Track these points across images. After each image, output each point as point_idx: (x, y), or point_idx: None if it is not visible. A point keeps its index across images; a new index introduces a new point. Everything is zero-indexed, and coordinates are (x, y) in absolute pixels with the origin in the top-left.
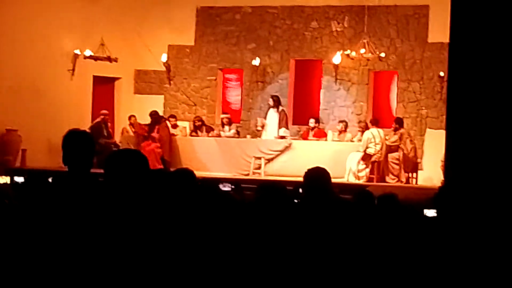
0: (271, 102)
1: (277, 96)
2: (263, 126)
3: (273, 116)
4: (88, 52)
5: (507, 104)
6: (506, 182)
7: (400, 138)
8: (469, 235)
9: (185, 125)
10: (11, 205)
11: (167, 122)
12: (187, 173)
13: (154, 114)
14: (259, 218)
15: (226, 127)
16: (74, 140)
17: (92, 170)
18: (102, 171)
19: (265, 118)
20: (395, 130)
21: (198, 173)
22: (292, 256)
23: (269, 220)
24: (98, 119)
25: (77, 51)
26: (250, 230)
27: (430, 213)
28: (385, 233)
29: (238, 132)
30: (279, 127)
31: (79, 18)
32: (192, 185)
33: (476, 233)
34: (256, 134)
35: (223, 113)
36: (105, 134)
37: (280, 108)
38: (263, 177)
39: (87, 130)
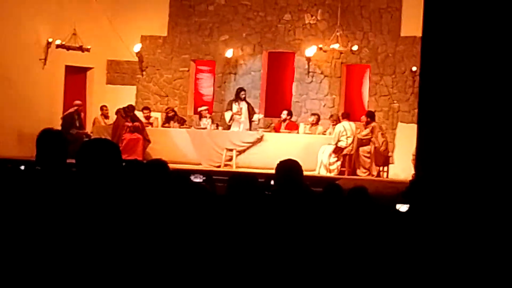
0: (242, 94)
1: (243, 88)
2: (233, 117)
3: (239, 107)
4: (60, 42)
5: (478, 98)
6: (476, 176)
7: (372, 132)
8: (440, 228)
9: (157, 116)
10: None
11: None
12: (161, 164)
13: (131, 107)
14: (230, 210)
15: (204, 120)
16: (47, 140)
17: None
18: (74, 161)
19: (231, 110)
20: (367, 123)
21: (170, 165)
22: (263, 248)
23: (240, 212)
24: (71, 109)
25: (49, 40)
26: (222, 221)
27: (403, 208)
28: (355, 226)
29: (217, 126)
30: (250, 117)
31: (51, 7)
32: (165, 176)
33: (447, 226)
34: (227, 125)
35: (202, 105)
36: (77, 124)
37: (246, 100)
38: (234, 169)
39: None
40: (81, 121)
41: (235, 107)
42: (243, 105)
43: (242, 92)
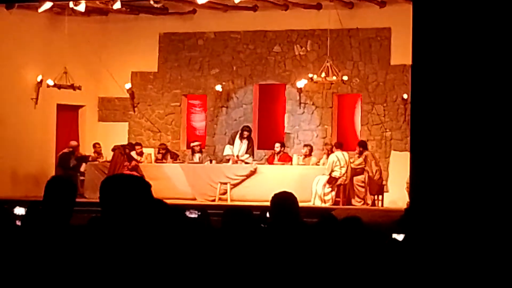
0: (245, 133)
1: (249, 127)
2: (236, 161)
3: (240, 144)
4: (51, 81)
5: (470, 125)
6: (470, 203)
7: (365, 161)
8: (435, 256)
9: (150, 152)
10: None
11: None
12: (160, 203)
13: (131, 146)
14: (226, 244)
15: (197, 155)
16: (57, 188)
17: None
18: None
19: (232, 144)
20: (360, 153)
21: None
22: (260, 281)
23: (236, 245)
24: (66, 150)
25: (40, 79)
26: (218, 256)
27: (399, 237)
28: (350, 256)
29: (210, 161)
30: (246, 153)
31: (42, 46)
32: (164, 213)
33: (443, 254)
34: (222, 159)
35: (194, 141)
36: (71, 165)
37: (250, 138)
38: (229, 203)
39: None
40: (78, 159)
41: (237, 142)
42: (245, 142)
43: (245, 132)
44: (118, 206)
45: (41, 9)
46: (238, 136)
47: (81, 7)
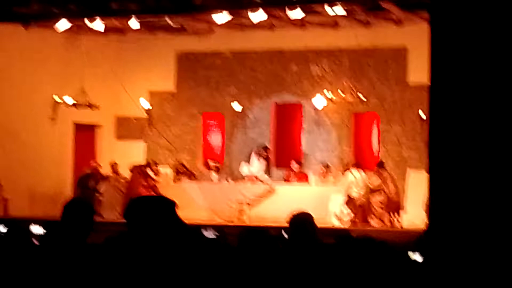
0: (263, 152)
1: (267, 147)
2: (252, 180)
3: (258, 163)
4: (68, 99)
5: (489, 144)
6: (490, 224)
7: (383, 181)
8: (455, 278)
9: (167, 171)
10: None
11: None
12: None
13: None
14: (244, 264)
15: (214, 174)
16: (75, 210)
17: None
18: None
19: (248, 163)
20: (377, 172)
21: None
22: None
23: (254, 265)
24: (88, 170)
25: (58, 98)
26: (235, 275)
27: (417, 257)
28: (368, 277)
29: (227, 179)
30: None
31: (59, 65)
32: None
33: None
34: (238, 178)
35: (211, 160)
36: (90, 185)
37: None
38: (247, 223)
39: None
40: (97, 181)
41: (255, 161)
42: (262, 162)
43: (263, 151)
44: (144, 226)
45: (59, 29)
46: (255, 154)
47: (99, 26)
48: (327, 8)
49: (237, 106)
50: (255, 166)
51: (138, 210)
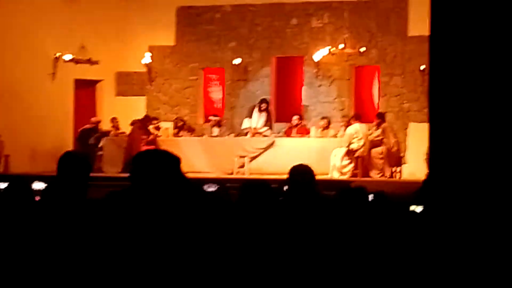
0: (263, 106)
1: (266, 100)
2: (254, 134)
3: (258, 116)
4: (68, 56)
5: (488, 94)
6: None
7: (383, 133)
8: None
9: (167, 126)
10: None
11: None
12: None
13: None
14: (244, 217)
15: (215, 129)
16: (69, 163)
17: None
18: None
19: (249, 117)
20: (378, 124)
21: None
22: (277, 254)
23: (254, 218)
24: (87, 126)
25: (58, 54)
26: (236, 229)
27: (418, 208)
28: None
29: (229, 134)
30: (267, 127)
31: (59, 21)
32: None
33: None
34: (240, 133)
35: (212, 115)
36: (91, 142)
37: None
38: (247, 176)
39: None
40: (98, 136)
41: (255, 115)
42: (263, 115)
43: (263, 104)
44: (148, 180)
45: None
46: (256, 109)
47: None
48: None
49: (237, 61)
50: (255, 120)
51: (143, 164)
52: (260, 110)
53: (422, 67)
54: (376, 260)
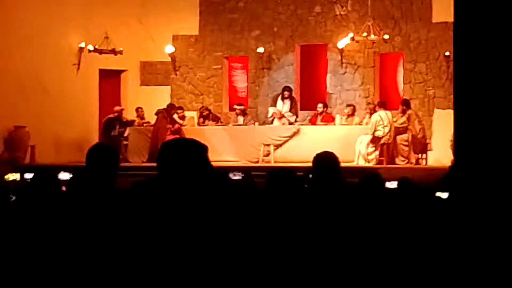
0: (286, 94)
1: (289, 87)
2: (280, 117)
3: (284, 104)
4: (92, 46)
5: None
6: None
7: (408, 120)
8: (480, 215)
9: (192, 115)
10: (18, 202)
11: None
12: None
13: (172, 106)
14: (270, 205)
15: (240, 117)
16: (98, 156)
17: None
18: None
19: (274, 106)
20: (403, 111)
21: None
22: (304, 243)
23: (280, 206)
24: (111, 115)
25: (82, 45)
26: (262, 218)
27: (443, 195)
28: (394, 216)
29: (254, 122)
30: (291, 113)
31: (82, 12)
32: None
33: (488, 213)
34: (265, 121)
35: (237, 104)
36: (117, 129)
37: (292, 97)
38: (272, 164)
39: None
40: (122, 125)
41: (279, 103)
42: (287, 103)
43: (286, 92)
44: (176, 169)
45: None
46: (280, 97)
47: None
48: None
49: (261, 49)
50: (280, 107)
51: (171, 153)
52: (284, 98)
53: (446, 54)
54: (402, 247)
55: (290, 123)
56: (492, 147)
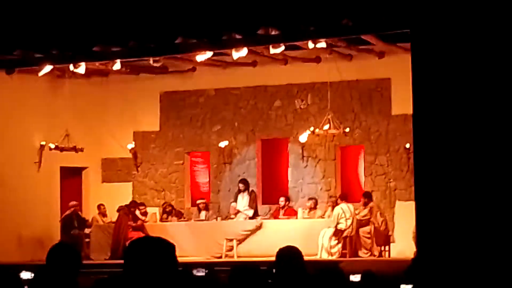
0: (241, 186)
1: (245, 180)
2: (236, 213)
3: (243, 199)
4: (53, 144)
5: (474, 172)
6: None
7: (370, 212)
8: None
9: (154, 211)
10: None
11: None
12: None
13: (134, 203)
14: None
15: (203, 212)
16: (59, 256)
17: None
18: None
19: (235, 201)
20: (365, 204)
21: None
22: None
23: None
24: (68, 211)
25: (43, 143)
26: None
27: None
28: None
29: (216, 217)
30: (249, 207)
31: (43, 110)
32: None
33: None
34: (227, 216)
35: (199, 198)
36: (76, 225)
37: (250, 189)
38: (236, 259)
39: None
40: (80, 221)
41: (239, 198)
42: (245, 196)
43: (241, 185)
44: (144, 268)
45: (41, 73)
46: (238, 193)
47: (81, 69)
48: (309, 43)
49: (222, 144)
50: (240, 202)
51: (140, 252)
52: (240, 191)
53: (407, 146)
54: None
55: (250, 218)
56: (455, 239)
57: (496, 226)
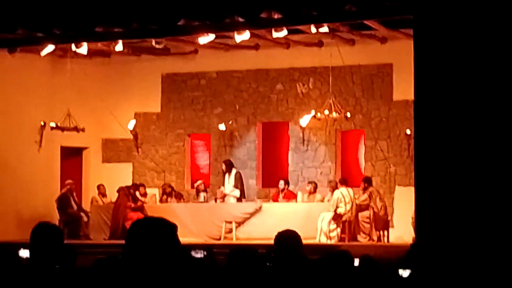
0: (224, 168)
1: (229, 160)
2: (223, 197)
3: (229, 180)
4: (54, 123)
5: (473, 158)
6: (476, 236)
7: (370, 197)
8: None
9: (154, 192)
10: None
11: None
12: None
13: (135, 186)
14: (232, 284)
15: (202, 194)
16: (42, 235)
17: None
18: (71, 241)
19: (223, 185)
20: (364, 189)
21: None
22: None
23: (242, 285)
24: (63, 190)
25: (44, 122)
26: None
27: (405, 273)
28: None
29: (215, 199)
30: (234, 188)
31: (45, 89)
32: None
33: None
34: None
35: (199, 179)
36: (73, 203)
37: (234, 170)
38: (234, 241)
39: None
40: (75, 199)
41: (226, 180)
42: (231, 177)
43: (224, 165)
44: (146, 248)
45: (43, 53)
46: (224, 174)
47: (83, 50)
48: (312, 27)
49: (223, 127)
50: (226, 183)
51: (142, 232)
52: (224, 172)
53: (407, 132)
54: None
55: (238, 199)
56: (453, 225)
57: (494, 212)
